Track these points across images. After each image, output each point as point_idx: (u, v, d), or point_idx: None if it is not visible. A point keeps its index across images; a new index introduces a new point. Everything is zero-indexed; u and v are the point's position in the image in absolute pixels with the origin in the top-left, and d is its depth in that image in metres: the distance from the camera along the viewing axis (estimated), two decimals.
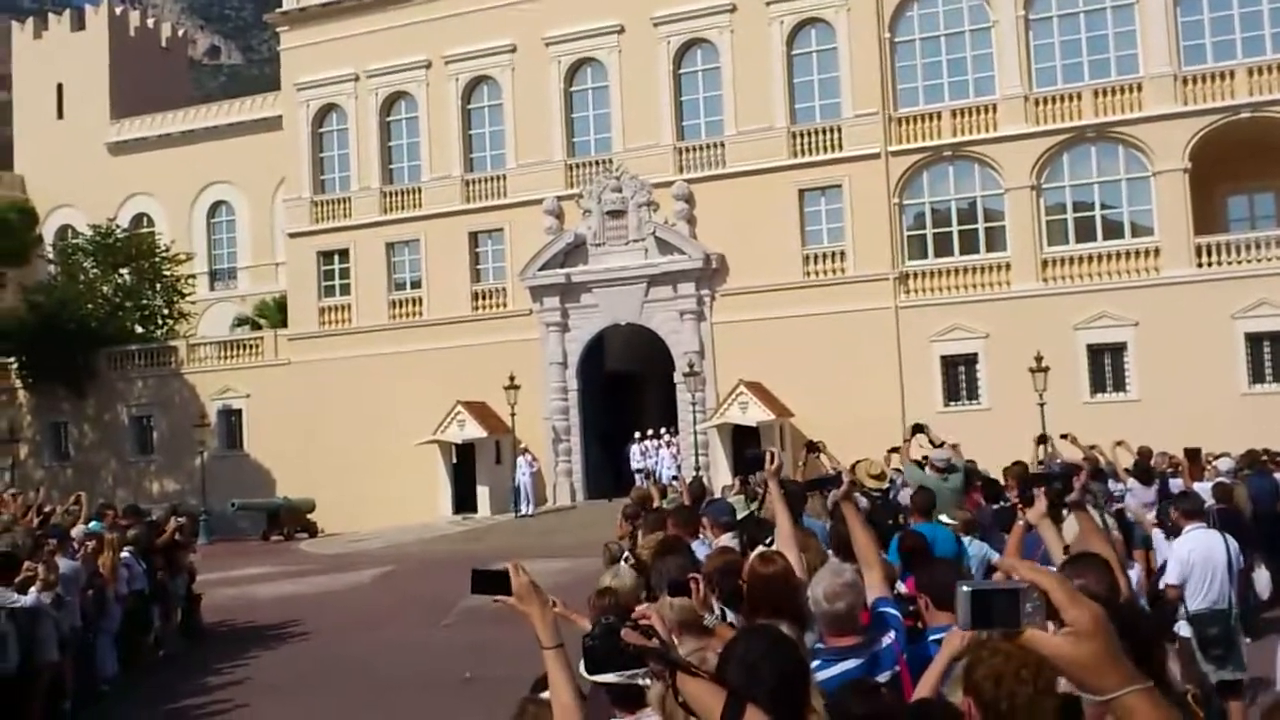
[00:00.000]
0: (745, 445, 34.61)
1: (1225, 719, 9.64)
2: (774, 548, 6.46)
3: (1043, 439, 19.07)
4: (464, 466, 40.45)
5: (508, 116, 42.61)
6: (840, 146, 38.16)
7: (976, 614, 2.12)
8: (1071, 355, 34.92)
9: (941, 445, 13.27)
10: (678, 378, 38.90)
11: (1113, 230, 36.15)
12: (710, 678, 3.24)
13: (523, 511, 38.14)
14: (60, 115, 58.67)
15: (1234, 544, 10.22)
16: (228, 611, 21.74)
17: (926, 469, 13.00)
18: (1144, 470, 16.20)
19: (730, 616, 5.96)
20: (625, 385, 43.07)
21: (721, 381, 38.15)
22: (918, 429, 13.46)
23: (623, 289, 39.70)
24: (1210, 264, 34.62)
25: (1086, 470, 14.41)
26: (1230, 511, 12.82)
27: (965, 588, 2.13)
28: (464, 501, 40.30)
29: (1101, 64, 36.45)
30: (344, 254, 44.79)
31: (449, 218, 42.72)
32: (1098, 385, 35.27)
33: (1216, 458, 19.36)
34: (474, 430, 39.57)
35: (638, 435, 39.42)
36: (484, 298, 42.55)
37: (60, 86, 58.88)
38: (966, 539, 10.34)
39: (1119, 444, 18.00)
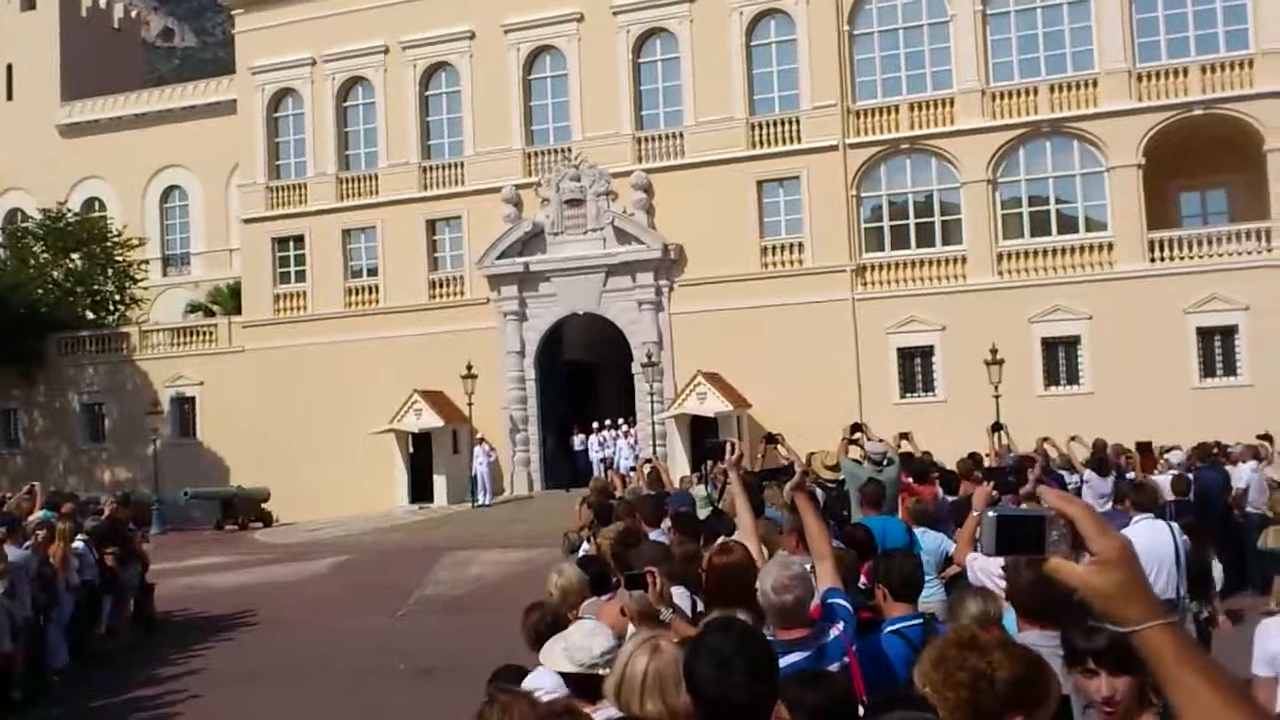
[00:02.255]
0: (703, 436, 34.77)
1: None
2: (734, 538, 6.49)
3: (997, 427, 19.26)
4: (420, 456, 40.26)
5: (466, 103, 42.39)
6: (799, 138, 38.27)
7: (1001, 540, 2.14)
8: (1026, 348, 35.23)
9: (880, 441, 13.37)
10: (636, 368, 38.91)
11: (1067, 225, 36.49)
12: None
13: (480, 501, 38.05)
14: (10, 96, 57.82)
15: (1181, 535, 10.32)
16: (181, 601, 21.56)
17: (864, 464, 13.08)
18: (1100, 462, 16.38)
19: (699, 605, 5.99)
20: (583, 375, 43.05)
21: (680, 372, 38.20)
22: (856, 428, 13.55)
23: (581, 278, 39.64)
24: (1163, 259, 35.02)
25: (1040, 463, 14.61)
26: (1188, 505, 12.97)
27: (991, 513, 2.15)
28: (420, 491, 40.12)
29: (1057, 59, 36.75)
30: (299, 240, 44.43)
31: (406, 205, 42.48)
32: (1051, 378, 35.63)
33: (1168, 450, 19.60)
34: (431, 419, 39.39)
35: (595, 425, 39.43)
36: (441, 286, 42.36)
37: (10, 67, 58.01)
38: (920, 530, 10.41)
39: (1074, 438, 18.20)
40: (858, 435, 13.60)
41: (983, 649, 3.23)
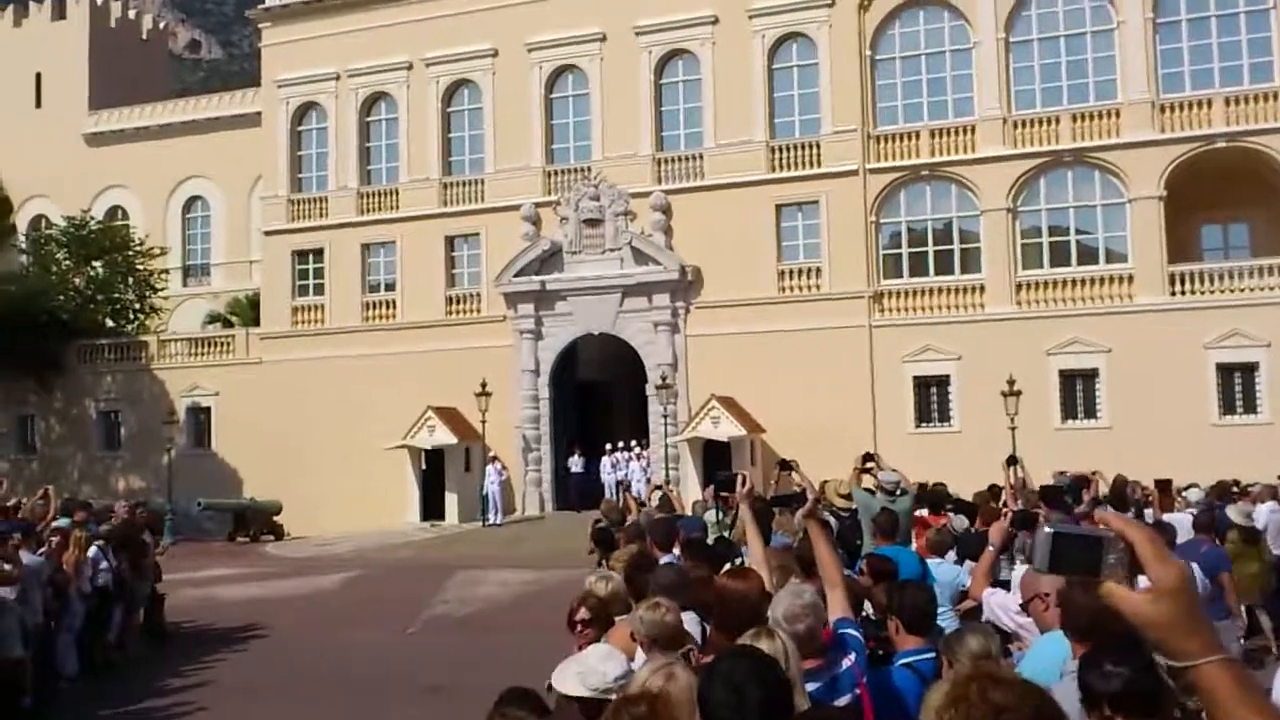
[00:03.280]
0: (717, 459, 34.70)
1: None
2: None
3: (1012, 460, 19.13)
4: (433, 473, 40.26)
5: (487, 121, 42.56)
6: (819, 162, 38.27)
7: (1055, 558, 2.06)
8: (1043, 380, 35.07)
9: (893, 471, 13.31)
10: (650, 390, 38.86)
11: (1087, 256, 36.37)
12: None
13: (491, 520, 37.99)
14: (38, 105, 58.22)
15: (1199, 573, 10.24)
16: (191, 613, 21.54)
17: (877, 494, 13.02)
18: (1120, 498, 16.23)
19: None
20: (597, 395, 43.02)
21: (694, 395, 38.13)
22: (868, 457, 13.49)
23: (597, 298, 39.67)
24: (1183, 293, 34.85)
25: (1097, 482, 14.54)
26: (1208, 543, 12.85)
27: (1048, 528, 2.08)
28: (432, 508, 40.10)
29: (1080, 89, 36.71)
30: (319, 254, 44.60)
31: (425, 220, 42.61)
32: (1069, 411, 35.44)
33: (1186, 489, 19.41)
34: (444, 436, 39.40)
35: (608, 447, 39.38)
36: (458, 302, 42.44)
37: (39, 76, 58.45)
38: (935, 561, 10.33)
39: (1094, 474, 18.05)
40: (870, 465, 13.54)
41: (1006, 684, 3.14)
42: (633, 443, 39.21)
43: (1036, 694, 3.13)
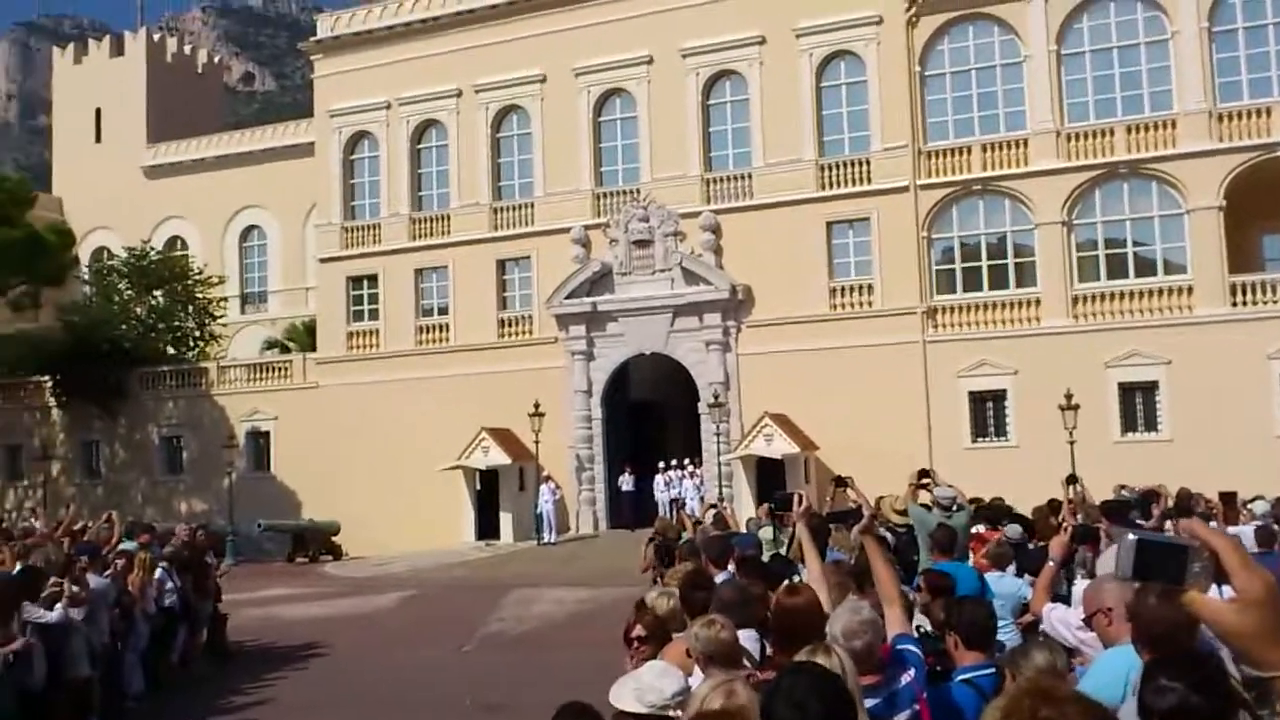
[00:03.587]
0: (770, 477, 34.63)
1: None
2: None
3: (1072, 479, 18.92)
4: (487, 493, 40.49)
5: (537, 145, 42.85)
6: (869, 179, 38.16)
7: (1140, 565, 2.06)
8: (1102, 394, 34.68)
9: (950, 487, 13.23)
10: (702, 408, 38.85)
11: (1145, 267, 35.95)
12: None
13: (545, 539, 38.11)
14: (98, 139, 59.48)
15: None
16: (253, 632, 21.80)
17: (933, 510, 12.95)
18: (1184, 511, 16.00)
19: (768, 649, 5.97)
20: (649, 415, 43.07)
21: (746, 413, 38.08)
22: (924, 473, 13.42)
23: (648, 318, 39.75)
24: (1244, 303, 34.34)
25: (1166, 495, 14.36)
26: (1273, 558, 12.65)
27: (1132, 536, 2.08)
28: (487, 528, 40.31)
29: (1134, 100, 36.35)
30: (373, 279, 45.06)
31: (477, 245, 42.93)
32: (1129, 424, 35.00)
33: (1251, 501, 19.11)
34: (498, 457, 39.62)
35: (661, 465, 39.39)
36: (510, 325, 42.69)
37: (99, 111, 59.74)
38: (997, 574, 10.25)
39: (1158, 487, 17.82)
40: (926, 481, 13.48)
41: (1058, 701, 3.11)
42: (686, 461, 39.19)
43: (1092, 711, 3.07)
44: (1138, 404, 35.11)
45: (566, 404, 40.33)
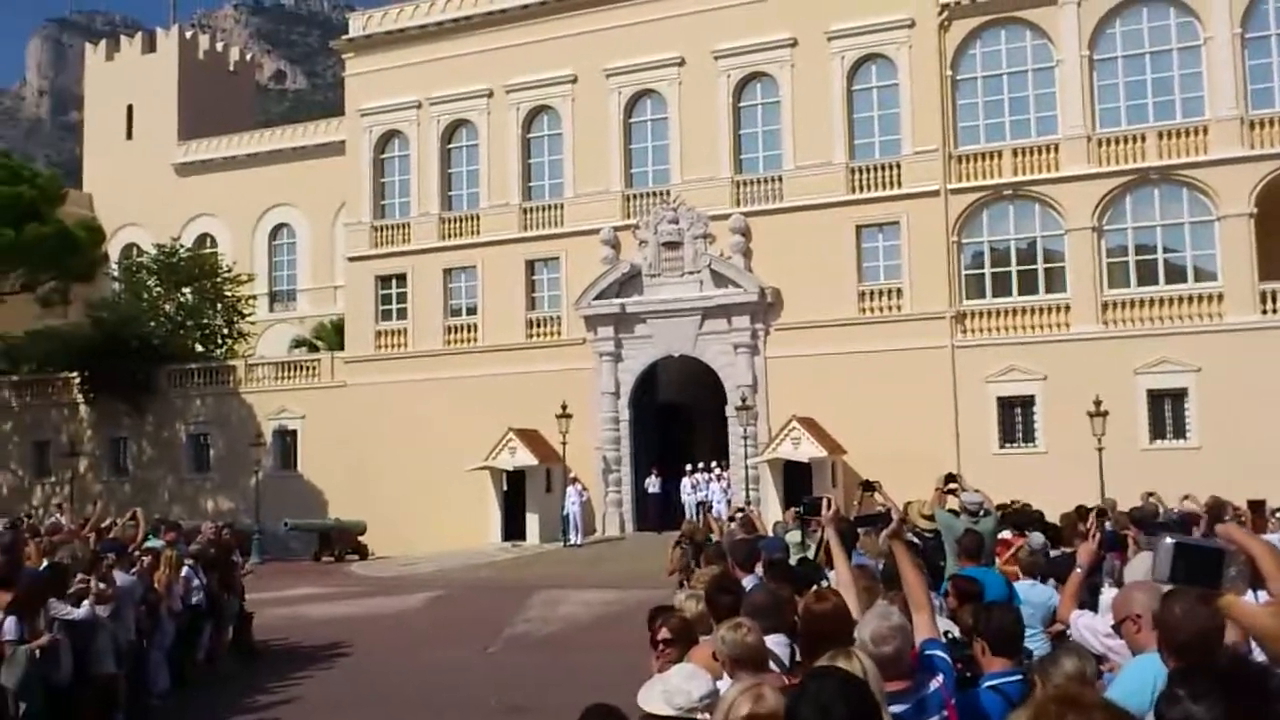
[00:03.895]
0: (797, 480, 34.55)
1: None
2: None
3: (1101, 514, 18.57)
4: (514, 493, 40.54)
5: (567, 146, 42.90)
6: (899, 183, 38.04)
7: (1177, 568, 2.06)
8: (1131, 400, 34.47)
9: (976, 492, 13.15)
10: (730, 411, 38.81)
11: (1175, 274, 35.70)
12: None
13: (571, 541, 38.13)
14: (129, 136, 59.93)
15: None
16: (279, 631, 21.87)
17: (961, 516, 12.89)
18: (1216, 520, 15.86)
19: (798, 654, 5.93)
20: (677, 417, 43.05)
21: (774, 416, 38.01)
22: (950, 478, 13.35)
23: (677, 320, 39.73)
24: (1275, 311, 34.08)
25: (1206, 519, 14.24)
26: None
27: (1170, 539, 2.09)
28: (513, 529, 40.36)
29: (1166, 106, 36.13)
30: (401, 279, 45.20)
31: (506, 245, 43.02)
32: (1157, 431, 34.78)
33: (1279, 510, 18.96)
34: (525, 457, 39.67)
35: (688, 468, 39.36)
36: (538, 325, 42.75)
37: (130, 108, 60.18)
38: (1028, 583, 10.18)
39: (1185, 498, 17.67)
40: (952, 485, 13.41)
41: (1084, 708, 3.09)
42: (713, 464, 39.16)
43: (1118, 718, 3.05)
44: (1167, 411, 34.89)
45: (594, 405, 40.35)
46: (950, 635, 7.01)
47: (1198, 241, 35.40)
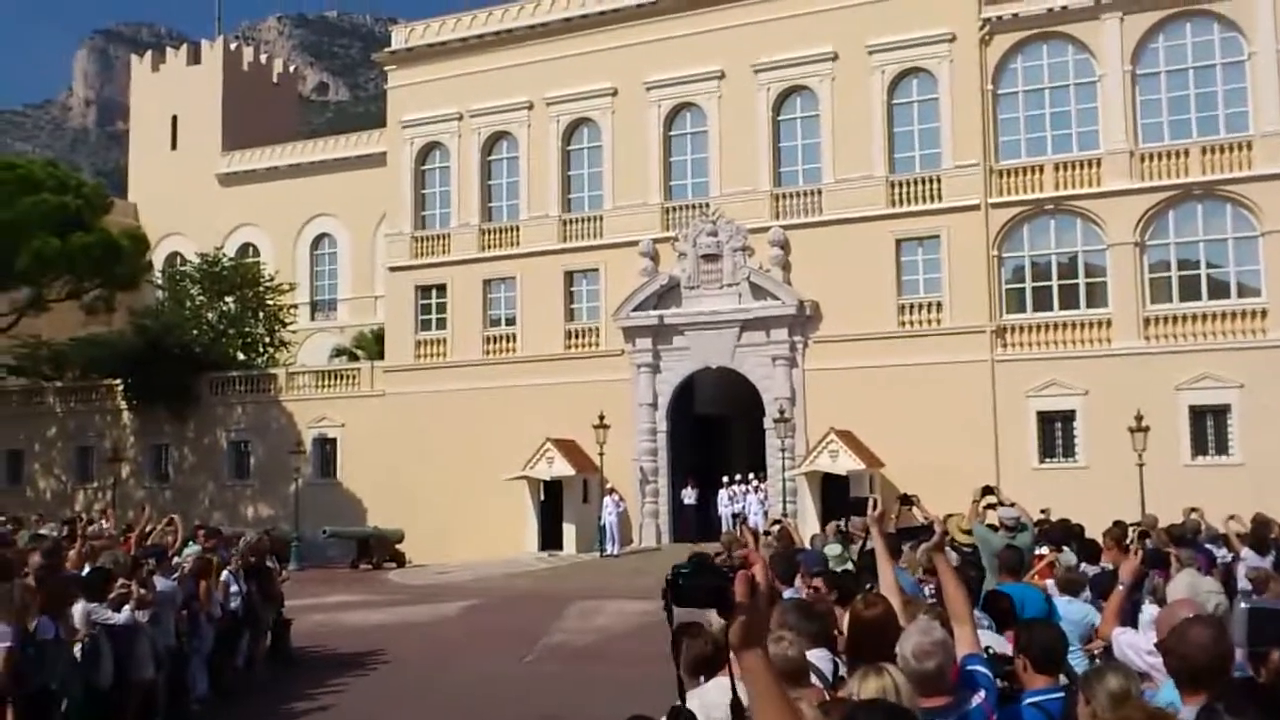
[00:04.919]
0: (835, 493, 34.43)
1: None
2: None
3: (1144, 535, 18.41)
4: (551, 503, 40.61)
5: (606, 158, 43.02)
6: (940, 197, 37.90)
7: (1254, 632, 2.10)
8: (1173, 416, 34.14)
9: (1013, 505, 13.06)
10: (767, 423, 38.74)
11: (1218, 290, 35.37)
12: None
13: (608, 551, 38.16)
14: (174, 146, 60.62)
15: None
16: (317, 638, 22.00)
17: (1000, 532, 12.79)
18: (1260, 539, 15.66)
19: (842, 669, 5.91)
20: (714, 429, 43.00)
21: (811, 429, 37.92)
22: (987, 490, 13.25)
23: (715, 333, 39.73)
24: None
25: (1241, 544, 14.12)
26: None
27: (1244, 605, 2.12)
28: (550, 538, 40.44)
29: (1210, 121, 35.82)
30: (441, 289, 45.43)
31: (545, 256, 43.16)
32: (1199, 448, 34.43)
33: None
34: (562, 468, 39.76)
35: (725, 480, 39.30)
36: (577, 337, 42.85)
37: (175, 118, 60.87)
38: (1065, 599, 10.10)
39: (1231, 518, 17.47)
40: (990, 499, 13.31)
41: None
42: (750, 475, 39.08)
43: None
44: (1209, 427, 34.53)
45: (631, 416, 40.38)
46: (990, 650, 6.97)
47: (1241, 257, 35.05)
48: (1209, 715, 3.93)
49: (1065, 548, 14.25)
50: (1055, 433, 36.28)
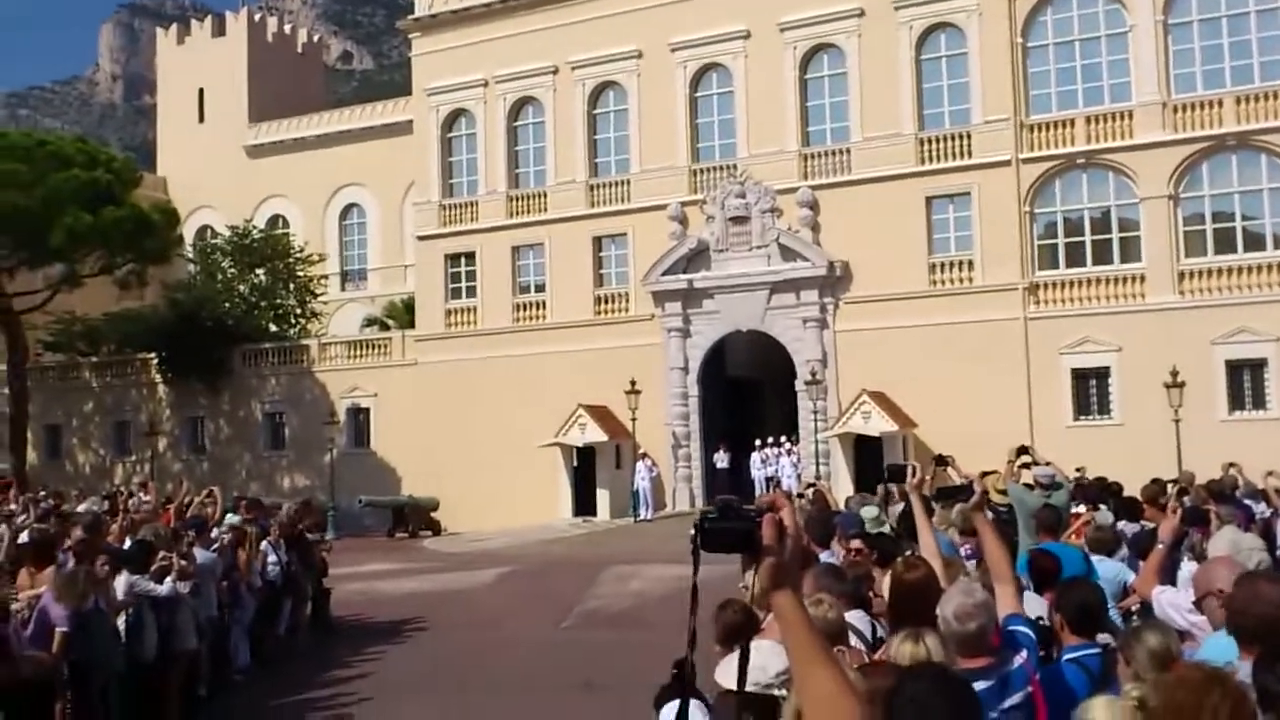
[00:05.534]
0: (868, 455, 34.35)
1: None
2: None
3: (1183, 492, 18.29)
4: (584, 469, 40.73)
5: (633, 122, 42.83)
6: (970, 153, 37.53)
7: None
8: (1209, 371, 33.84)
9: (1048, 464, 12.98)
10: (799, 385, 38.66)
11: (1254, 242, 34.94)
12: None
13: (641, 516, 38.27)
14: (201, 119, 60.79)
15: None
16: (355, 606, 22.20)
17: (1035, 490, 12.72)
18: None
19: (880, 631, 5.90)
20: (746, 392, 42.95)
21: (844, 390, 37.81)
22: (1023, 450, 13.17)
23: (745, 295, 39.60)
24: None
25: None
26: None
27: None
28: (583, 504, 40.57)
29: (1244, 70, 35.26)
30: (470, 257, 45.46)
31: (573, 222, 43.08)
32: (1236, 403, 34.12)
33: None
34: (595, 434, 39.83)
35: (758, 443, 39.28)
36: (607, 302, 42.81)
37: (201, 91, 61.01)
38: (1097, 558, 10.06)
39: (1270, 473, 17.32)
40: (1025, 459, 13.24)
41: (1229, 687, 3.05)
42: (782, 439, 39.04)
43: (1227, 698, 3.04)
44: (1246, 382, 34.20)
45: (663, 381, 40.38)
46: (1040, 620, 6.94)
47: (1277, 208, 34.59)
48: (1269, 665, 3.95)
49: (1102, 506, 14.17)
50: (1090, 390, 36.03)
